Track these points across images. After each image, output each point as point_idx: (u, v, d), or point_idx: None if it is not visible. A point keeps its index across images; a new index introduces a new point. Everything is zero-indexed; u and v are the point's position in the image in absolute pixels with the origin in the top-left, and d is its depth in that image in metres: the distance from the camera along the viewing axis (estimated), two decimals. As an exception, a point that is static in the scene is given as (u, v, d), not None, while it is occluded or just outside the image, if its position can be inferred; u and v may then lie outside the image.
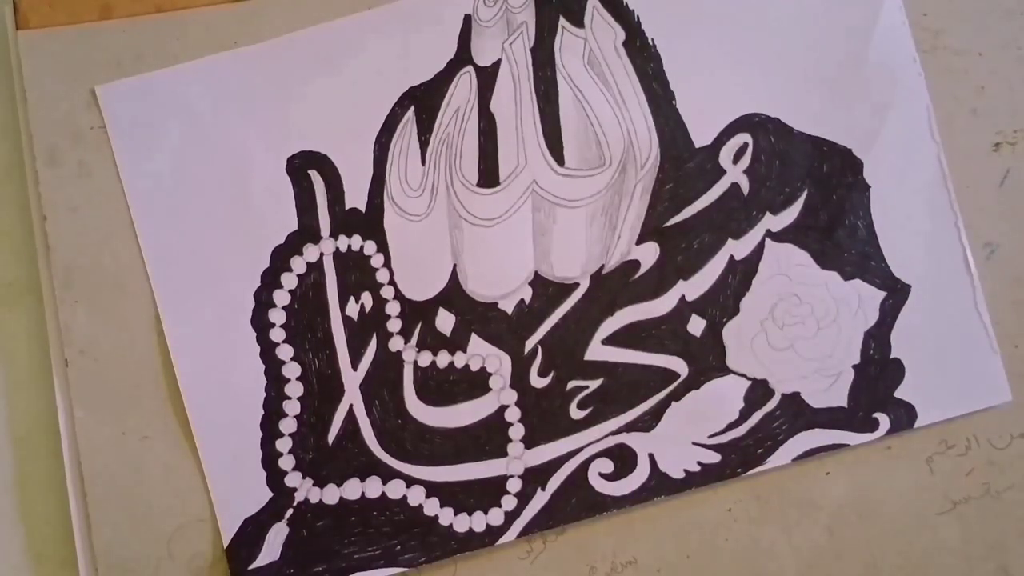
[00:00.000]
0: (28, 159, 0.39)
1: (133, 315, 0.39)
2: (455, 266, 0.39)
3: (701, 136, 0.40)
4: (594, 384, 0.39)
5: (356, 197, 0.39)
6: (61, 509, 0.39)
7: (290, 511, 0.39)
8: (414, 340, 0.39)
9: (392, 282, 0.39)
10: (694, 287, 0.39)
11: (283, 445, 0.39)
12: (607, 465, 0.39)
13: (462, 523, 0.39)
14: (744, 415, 0.39)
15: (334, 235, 0.39)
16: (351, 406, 0.39)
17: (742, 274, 0.39)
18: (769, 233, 0.40)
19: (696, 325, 0.39)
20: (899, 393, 0.39)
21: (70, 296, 0.39)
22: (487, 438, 0.39)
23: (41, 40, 0.39)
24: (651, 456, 0.39)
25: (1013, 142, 0.40)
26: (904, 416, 0.39)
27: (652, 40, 0.40)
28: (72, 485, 0.39)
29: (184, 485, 0.38)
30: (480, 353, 0.39)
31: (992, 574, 0.39)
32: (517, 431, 0.39)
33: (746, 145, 0.40)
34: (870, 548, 0.35)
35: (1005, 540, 0.39)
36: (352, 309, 0.39)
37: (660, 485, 0.39)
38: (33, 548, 0.39)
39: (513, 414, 0.39)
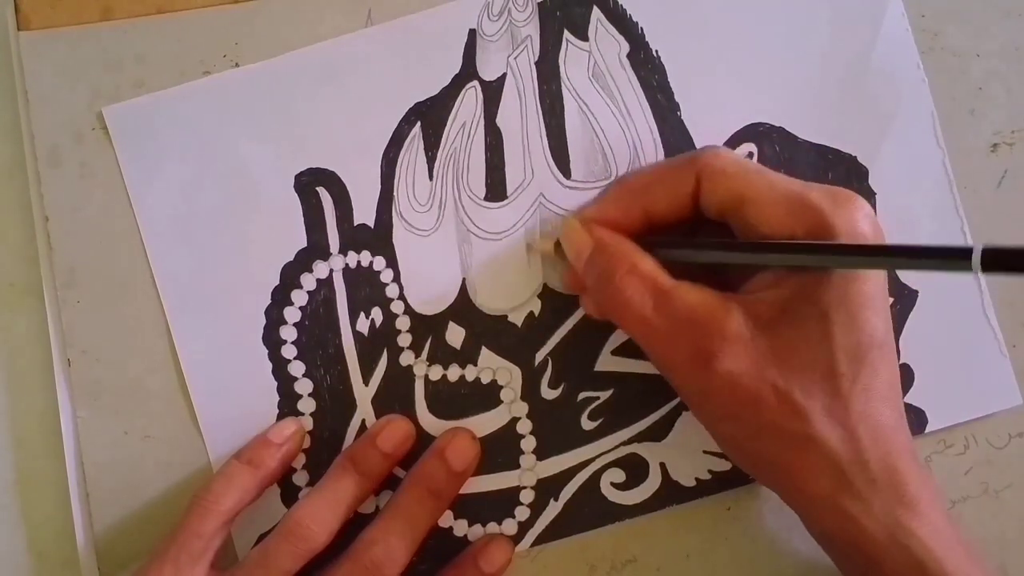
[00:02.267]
0: (30, 160, 0.40)
1: (135, 315, 0.39)
2: (464, 280, 0.40)
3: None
4: (604, 395, 0.39)
5: (364, 213, 0.40)
6: (63, 508, 0.39)
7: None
8: (424, 354, 0.39)
9: (402, 297, 0.40)
10: (702, 296, 0.39)
11: (296, 461, 0.39)
12: (619, 475, 0.39)
13: (476, 534, 0.39)
14: (754, 423, 0.39)
15: (343, 251, 0.40)
16: (363, 421, 0.39)
17: (750, 282, 0.40)
18: (776, 241, 0.40)
19: (705, 334, 0.39)
20: (908, 399, 0.39)
21: (72, 296, 0.39)
22: (499, 450, 0.39)
23: (43, 41, 0.40)
24: (662, 465, 0.39)
25: (1011, 143, 0.40)
26: (914, 421, 0.39)
27: (656, 52, 0.40)
28: (74, 484, 0.39)
29: (186, 484, 0.39)
30: (490, 366, 0.39)
31: (991, 573, 0.39)
32: (529, 443, 0.39)
33: (751, 154, 0.40)
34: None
35: (1004, 539, 0.40)
36: (362, 325, 0.39)
37: (672, 494, 0.39)
38: (34, 547, 0.40)
39: (525, 426, 0.39)
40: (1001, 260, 0.26)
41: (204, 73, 0.40)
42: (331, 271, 0.40)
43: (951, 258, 0.28)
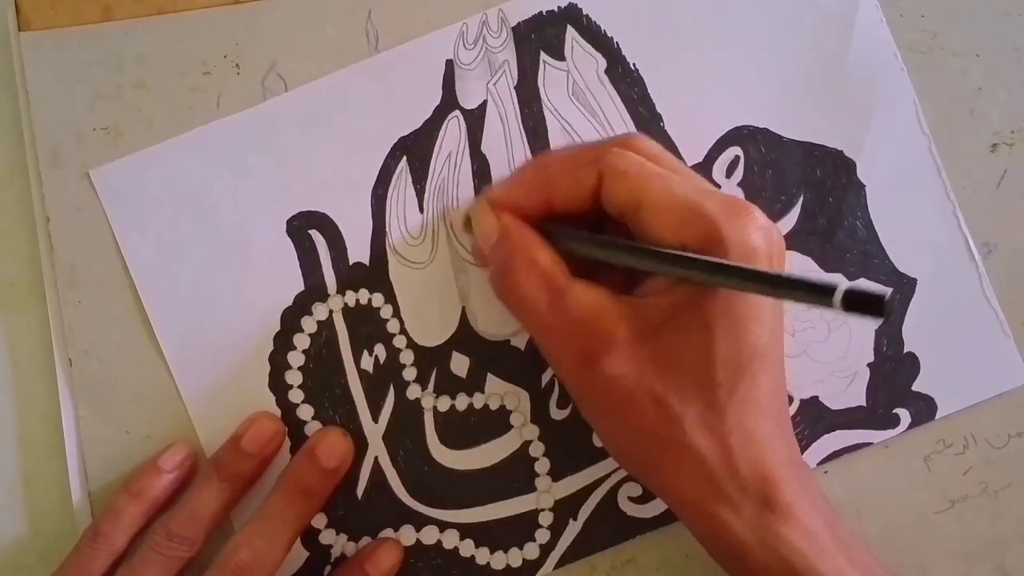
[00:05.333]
0: (31, 160, 0.40)
1: (136, 315, 0.39)
2: (464, 308, 0.40)
3: (692, 154, 0.40)
4: (614, 410, 0.39)
5: (359, 251, 0.40)
6: (64, 507, 0.39)
7: (328, 568, 0.39)
8: (431, 386, 0.40)
9: (403, 331, 0.40)
10: (702, 303, 0.40)
11: (313, 504, 0.39)
12: (635, 489, 0.39)
13: (499, 561, 0.39)
14: (765, 425, 0.39)
15: (341, 291, 0.40)
16: (376, 458, 0.39)
17: (748, 285, 0.40)
18: (770, 242, 0.40)
19: (708, 341, 0.39)
20: (917, 387, 0.39)
21: (73, 296, 0.39)
22: (514, 475, 0.39)
23: (43, 41, 0.40)
24: (678, 475, 0.39)
25: (1011, 143, 0.40)
26: (924, 409, 0.39)
27: (634, 65, 0.40)
28: (76, 484, 0.39)
29: (187, 484, 0.39)
30: (498, 392, 0.40)
31: (990, 573, 0.39)
32: (543, 465, 0.39)
33: (737, 158, 0.40)
34: (868, 547, 0.35)
35: (1003, 539, 0.39)
36: (367, 362, 0.40)
37: (690, 503, 0.39)
38: (36, 546, 0.40)
39: (537, 448, 0.39)
40: (861, 303, 0.27)
41: (205, 74, 0.40)
42: (331, 312, 0.40)
43: (814, 293, 0.28)
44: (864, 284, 0.38)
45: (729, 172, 0.40)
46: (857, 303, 0.27)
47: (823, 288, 0.28)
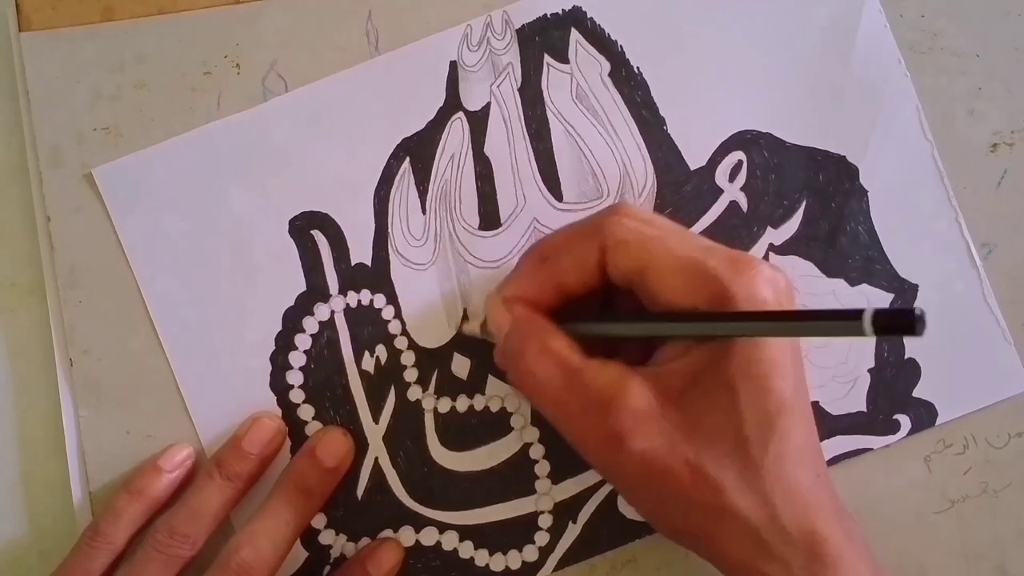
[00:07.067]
0: (31, 160, 0.40)
1: (136, 315, 0.39)
2: (465, 310, 0.40)
3: (695, 158, 0.40)
4: (614, 413, 0.39)
5: (361, 252, 0.40)
6: (65, 507, 0.39)
7: (327, 568, 0.39)
8: (432, 387, 0.40)
9: (405, 332, 0.40)
10: (703, 307, 0.40)
11: (312, 504, 0.39)
12: (635, 492, 0.39)
13: (498, 563, 0.39)
14: (765, 430, 0.39)
15: (343, 292, 0.40)
16: (376, 459, 0.39)
17: (749, 290, 0.40)
18: (772, 247, 0.40)
19: (709, 345, 0.39)
20: (917, 392, 0.39)
21: (73, 296, 0.39)
22: (514, 477, 0.39)
23: (44, 41, 0.40)
24: (677, 479, 0.39)
25: (1011, 143, 0.40)
26: (924, 415, 0.39)
27: (638, 68, 0.40)
28: (76, 483, 0.39)
29: (187, 484, 0.39)
30: (498, 394, 0.40)
31: (990, 573, 0.39)
32: (543, 467, 0.39)
33: (740, 163, 0.40)
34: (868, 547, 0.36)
35: (1003, 539, 0.39)
36: (368, 363, 0.40)
37: (689, 506, 0.39)
38: (37, 546, 0.40)
39: (537, 451, 0.39)
40: (892, 324, 0.26)
41: (205, 74, 0.40)
42: (332, 312, 0.40)
43: (841, 322, 0.27)
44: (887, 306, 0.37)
45: (732, 177, 0.40)
46: (888, 325, 0.26)
47: (849, 315, 0.27)
